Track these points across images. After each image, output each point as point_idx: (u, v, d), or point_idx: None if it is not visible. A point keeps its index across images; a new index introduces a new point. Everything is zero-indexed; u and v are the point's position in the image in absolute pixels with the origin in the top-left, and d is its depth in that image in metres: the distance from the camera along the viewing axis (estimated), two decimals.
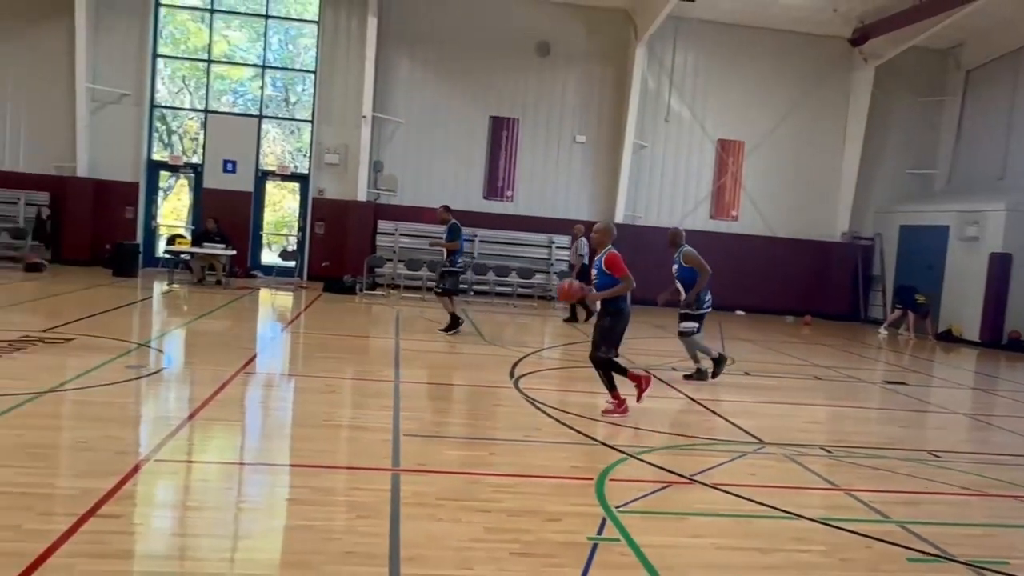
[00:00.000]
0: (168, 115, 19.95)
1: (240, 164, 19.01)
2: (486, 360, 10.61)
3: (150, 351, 9.47)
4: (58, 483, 4.77)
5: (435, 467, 5.66)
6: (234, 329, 12.35)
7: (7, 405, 6.24)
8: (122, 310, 12.71)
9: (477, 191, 19.74)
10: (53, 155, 18.21)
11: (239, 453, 6.02)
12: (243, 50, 20.01)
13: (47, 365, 8.04)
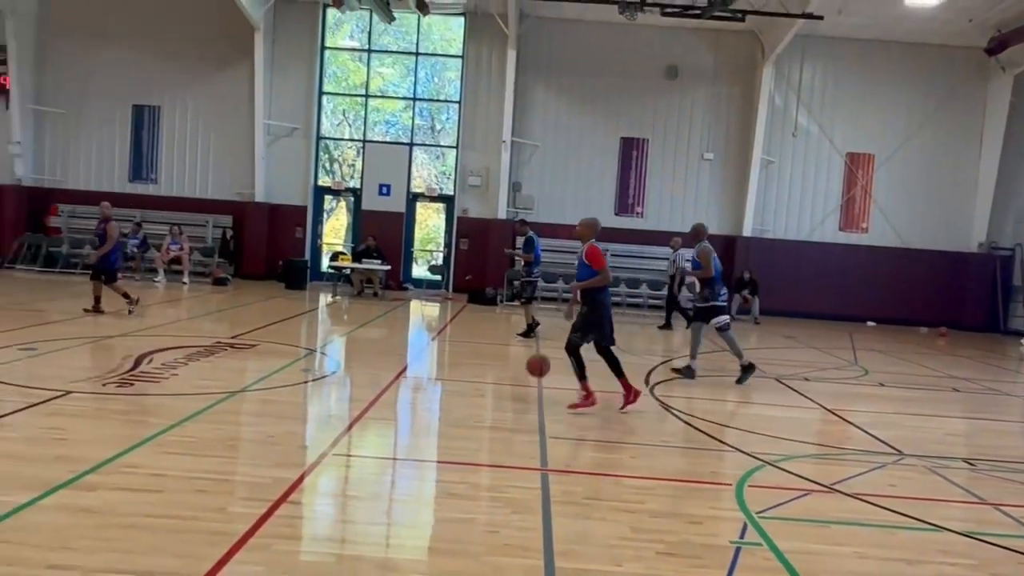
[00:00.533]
0: (331, 145, 21.04)
1: (393, 187, 19.80)
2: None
3: (320, 356, 10.02)
4: (253, 472, 5.14)
5: (581, 468, 5.71)
6: (390, 337, 12.86)
7: (207, 403, 6.77)
8: (294, 319, 13.50)
9: (608, 207, 19.70)
10: (235, 183, 19.61)
11: (402, 450, 6.28)
12: (395, 84, 20.86)
13: (237, 368, 8.67)
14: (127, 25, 19.50)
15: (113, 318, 11.48)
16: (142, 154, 19.96)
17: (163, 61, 19.57)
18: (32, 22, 19.39)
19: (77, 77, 19.68)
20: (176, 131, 19.86)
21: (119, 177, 19.93)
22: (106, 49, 19.59)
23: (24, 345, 8.91)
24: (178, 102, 19.79)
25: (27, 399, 6.45)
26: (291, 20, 19.40)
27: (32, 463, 4.94)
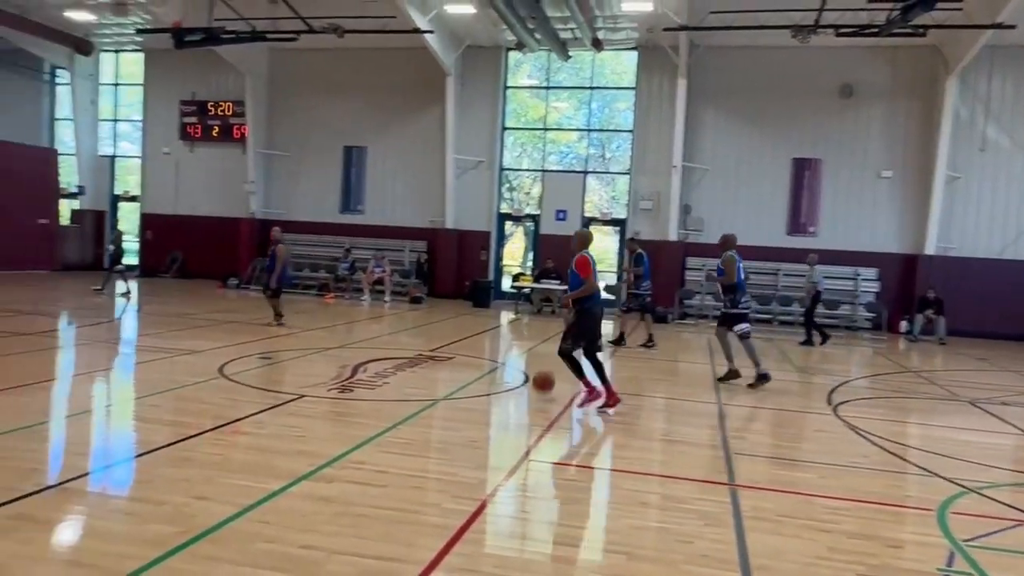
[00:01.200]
0: (511, 175, 21.65)
1: (569, 212, 20.02)
2: (798, 387, 10.03)
3: (508, 369, 10.28)
4: (461, 472, 5.35)
5: (769, 485, 5.47)
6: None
7: (416, 408, 7.16)
8: (483, 335, 13.97)
9: (780, 228, 18.81)
10: (428, 212, 20.64)
11: (592, 458, 6.31)
12: (569, 117, 21.15)
13: (437, 378, 9.09)
14: (340, 80, 21.17)
15: (327, 332, 12.41)
16: (351, 189, 21.53)
17: (369, 108, 21.06)
18: (264, 81, 21.55)
19: (299, 125, 21.62)
20: (379, 168, 21.26)
21: (331, 209, 21.59)
22: (323, 100, 21.37)
23: (262, 354, 9.85)
24: (381, 142, 21.18)
25: (270, 401, 7.12)
26: (478, 64, 20.24)
27: (279, 456, 5.44)
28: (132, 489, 4.80)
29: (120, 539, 3.92)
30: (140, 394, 7.64)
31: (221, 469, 5.08)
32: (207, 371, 8.48)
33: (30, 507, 4.24)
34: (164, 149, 22.71)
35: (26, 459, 5.14)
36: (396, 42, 18.46)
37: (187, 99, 22.40)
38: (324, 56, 20.79)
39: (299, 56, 20.91)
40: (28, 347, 9.81)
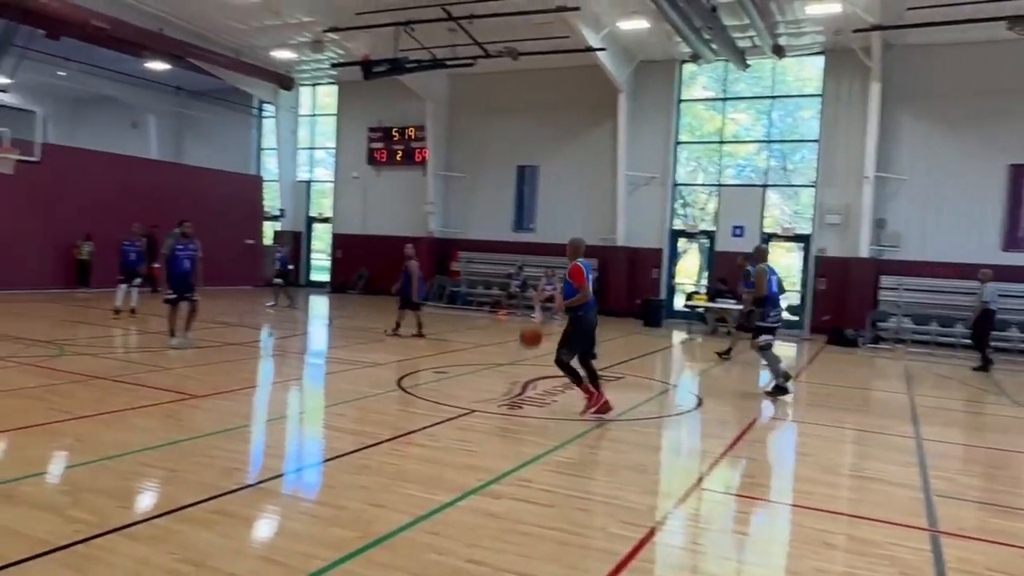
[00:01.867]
0: (684, 191, 21.15)
1: (747, 228, 19.20)
2: (1017, 423, 8.87)
3: (680, 391, 9.97)
4: (629, 497, 5.23)
5: (979, 534, 4.86)
6: (747, 375, 12.36)
7: (584, 428, 7.12)
8: (654, 355, 13.69)
9: (993, 242, 16.86)
10: (600, 229, 20.62)
11: (770, 491, 5.93)
12: (747, 129, 20.33)
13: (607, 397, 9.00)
14: (513, 100, 21.81)
15: (499, 348, 12.70)
16: (523, 207, 22.03)
17: (541, 127, 21.50)
18: (443, 106, 22.67)
19: (475, 146, 22.50)
20: (551, 186, 21.59)
21: (504, 227, 22.20)
22: (497, 121, 22.11)
23: (438, 369, 10.27)
24: (552, 161, 21.52)
25: (443, 414, 7.39)
26: (650, 79, 20.03)
27: (450, 468, 5.61)
28: (317, 493, 5.15)
29: (305, 539, 4.20)
30: (328, 403, 8.23)
31: (396, 478, 5.32)
32: (387, 383, 8.96)
33: (230, 503, 4.67)
34: (353, 173, 24.50)
35: (228, 459, 5.68)
36: (569, 61, 18.73)
37: (374, 126, 24.04)
38: (499, 78, 21.51)
39: (475, 80, 21.80)
40: (233, 356, 10.90)
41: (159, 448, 5.77)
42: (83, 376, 8.41)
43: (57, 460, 5.57)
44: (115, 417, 6.69)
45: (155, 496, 4.83)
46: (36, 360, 9.26)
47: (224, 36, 21.25)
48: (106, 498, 4.64)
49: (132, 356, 10.66)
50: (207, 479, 5.09)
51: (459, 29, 16.70)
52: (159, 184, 21.31)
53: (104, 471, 5.18)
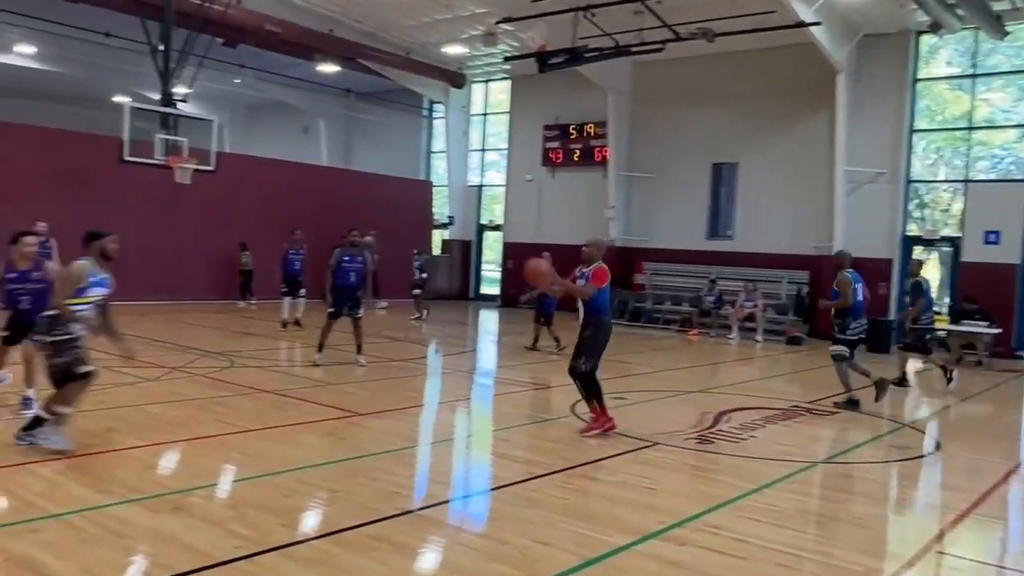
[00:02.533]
0: (920, 189, 19.64)
1: (1004, 234, 17.46)
2: None
3: (912, 431, 9.24)
4: (839, 555, 4.90)
5: None
6: (999, 417, 11.23)
7: (788, 470, 6.79)
8: None
9: None
10: (812, 236, 19.63)
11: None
12: (1005, 111, 18.55)
13: (817, 435, 8.54)
14: (707, 89, 21.38)
15: (688, 373, 12.44)
16: (719, 211, 21.48)
17: (740, 118, 20.89)
18: (627, 98, 22.68)
19: (663, 143, 22.28)
20: (752, 186, 20.89)
21: (697, 234, 21.76)
22: (688, 114, 21.77)
23: (616, 394, 10.23)
24: (754, 157, 20.83)
25: (621, 446, 7.35)
26: (877, 56, 18.84)
27: (627, 507, 5.56)
28: (480, 524, 5.31)
29: (465, 574, 4.34)
30: (495, 427, 8.46)
31: (566, 515, 5.36)
32: (559, 408, 9.08)
33: (389, 529, 4.93)
34: (527, 176, 25.09)
35: (390, 481, 6.00)
36: (774, 40, 18.06)
37: (550, 123, 24.50)
38: (691, 64, 21.18)
39: (664, 67, 21.61)
40: (397, 373, 11.50)
41: (321, 466, 6.21)
42: (250, 389, 9.24)
43: (224, 473, 6.16)
44: (280, 432, 7.29)
45: (316, 516, 5.20)
46: (207, 371, 10.31)
47: (394, 34, 22.63)
48: (268, 515, 5.07)
49: (296, 370, 11.54)
50: (368, 502, 5.41)
51: (646, 11, 16.64)
52: (327, 191, 23.02)
53: (267, 487, 5.65)
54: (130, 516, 4.89)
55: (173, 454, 6.55)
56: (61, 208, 16.93)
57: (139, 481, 5.79)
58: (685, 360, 14.06)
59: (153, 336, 13.14)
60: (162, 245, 19.59)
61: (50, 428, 6.15)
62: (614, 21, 17.47)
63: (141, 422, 7.33)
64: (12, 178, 17.07)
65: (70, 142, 18.59)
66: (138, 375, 9.41)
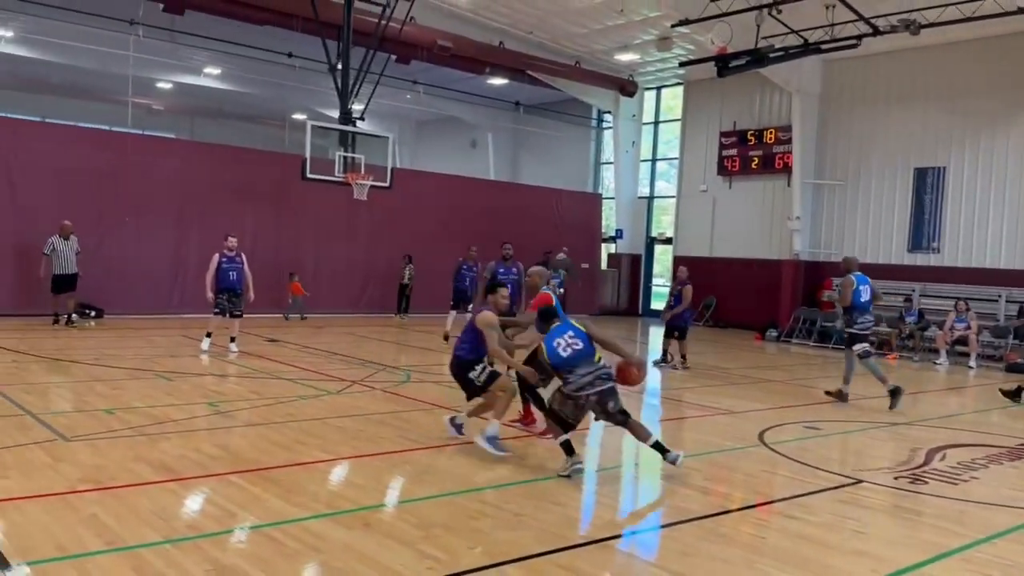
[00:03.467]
0: None
1: None
2: None
3: None
4: None
5: None
6: None
7: (1018, 520, 6.23)
8: None
9: None
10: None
11: None
12: None
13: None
14: (909, 87, 20.21)
15: (888, 401, 11.71)
16: (923, 221, 20.17)
17: (949, 118, 19.58)
18: (815, 100, 21.80)
19: (856, 147, 21.24)
20: (962, 193, 19.49)
21: (897, 247, 20.54)
22: (887, 114, 20.64)
23: (808, 423, 9.80)
24: (964, 160, 19.44)
25: (820, 482, 7.01)
26: None
27: (833, 552, 5.28)
28: (670, 559, 5.18)
29: None
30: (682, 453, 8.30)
31: (762, 555, 5.17)
32: (746, 436, 8.79)
33: (578, 559, 4.92)
34: (701, 186, 24.62)
35: (573, 507, 6.02)
36: (990, 29, 16.86)
37: (727, 130, 23.94)
38: (889, 60, 20.11)
39: (858, 65, 20.64)
40: None
41: (503, 487, 6.32)
42: (429, 404, 9.57)
43: (407, 490, 6.39)
44: (460, 449, 7.49)
45: (503, 541, 5.27)
46: (386, 385, 10.77)
47: (564, 43, 22.91)
48: (455, 536, 5.20)
49: None
50: (553, 528, 5.44)
51: (839, 4, 15.96)
52: (495, 205, 23.55)
53: (452, 506, 5.82)
54: (324, 531, 5.16)
55: (360, 469, 6.86)
56: (246, 223, 18.31)
57: (330, 496, 6.13)
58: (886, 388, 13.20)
59: (331, 350, 13.90)
60: (336, 260, 20.72)
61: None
62: (802, 17, 16.89)
63: (328, 435, 7.75)
64: (201, 193, 18.62)
65: (255, 159, 20.07)
66: (321, 388, 9.96)
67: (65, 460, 6.47)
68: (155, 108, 27.83)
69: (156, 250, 18.07)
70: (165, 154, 19.27)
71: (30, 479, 5.95)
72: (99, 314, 16.72)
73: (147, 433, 7.45)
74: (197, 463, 6.56)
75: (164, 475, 6.19)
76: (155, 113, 28.14)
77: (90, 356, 12.18)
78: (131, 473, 6.20)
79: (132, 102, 20.69)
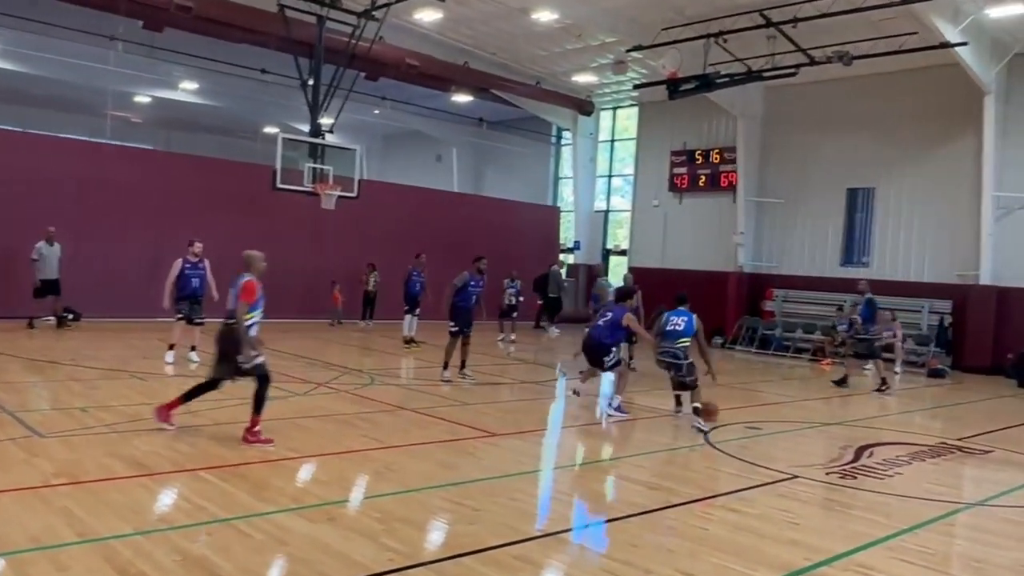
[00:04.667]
0: None
1: None
2: None
3: None
4: None
5: None
6: None
7: (941, 511, 6.40)
8: None
9: None
10: (955, 264, 18.54)
11: None
12: None
13: (970, 476, 8.03)
14: (842, 113, 20.60)
15: (823, 403, 11.92)
16: (854, 237, 20.59)
17: (878, 143, 20.02)
18: (758, 123, 22.14)
19: (794, 168, 21.59)
20: (890, 212, 19.94)
21: (830, 262, 20.92)
22: (822, 138, 21.02)
23: (749, 424, 9.93)
24: (892, 182, 19.89)
25: (759, 477, 7.11)
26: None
27: (769, 541, 5.37)
28: (620, 550, 5.22)
29: None
30: (627, 452, 8.37)
31: (706, 545, 5.23)
32: (693, 436, 8.88)
33: (532, 551, 4.94)
34: (653, 201, 24.84)
35: (528, 502, 6.04)
36: (915, 62, 17.28)
37: (677, 149, 24.21)
38: (825, 88, 20.51)
39: (796, 91, 21.00)
40: (527, 395, 11.56)
41: (462, 484, 6.31)
42: (391, 406, 9.52)
43: (370, 487, 6.35)
44: (420, 449, 7.46)
45: (460, 534, 5.27)
46: (350, 388, 10.69)
47: (526, 64, 23.01)
48: (415, 530, 5.19)
49: (432, 389, 11.73)
50: (509, 521, 5.45)
51: (779, 35, 16.27)
52: (458, 216, 23.53)
53: (412, 502, 5.80)
54: (290, 524, 5.11)
55: (324, 466, 6.81)
56: (218, 231, 18.02)
57: (295, 491, 6.07)
58: (818, 391, 13.47)
59: (297, 352, 13.76)
60: (304, 266, 20.49)
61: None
62: (746, 46, 17.17)
63: (294, 435, 7.67)
64: (176, 202, 18.33)
65: (228, 170, 19.81)
66: (288, 390, 9.87)
67: (40, 456, 6.33)
68: (133, 120, 27.34)
69: (132, 255, 17.74)
70: (142, 164, 18.94)
71: (6, 473, 5.81)
72: (77, 317, 16.36)
73: (120, 431, 7.32)
74: (168, 459, 6.45)
75: (136, 471, 6.08)
76: (133, 125, 27.64)
77: (67, 357, 11.91)
78: (104, 468, 6.09)
79: (111, 114, 20.33)
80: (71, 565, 4.24)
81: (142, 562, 4.30)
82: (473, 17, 19.74)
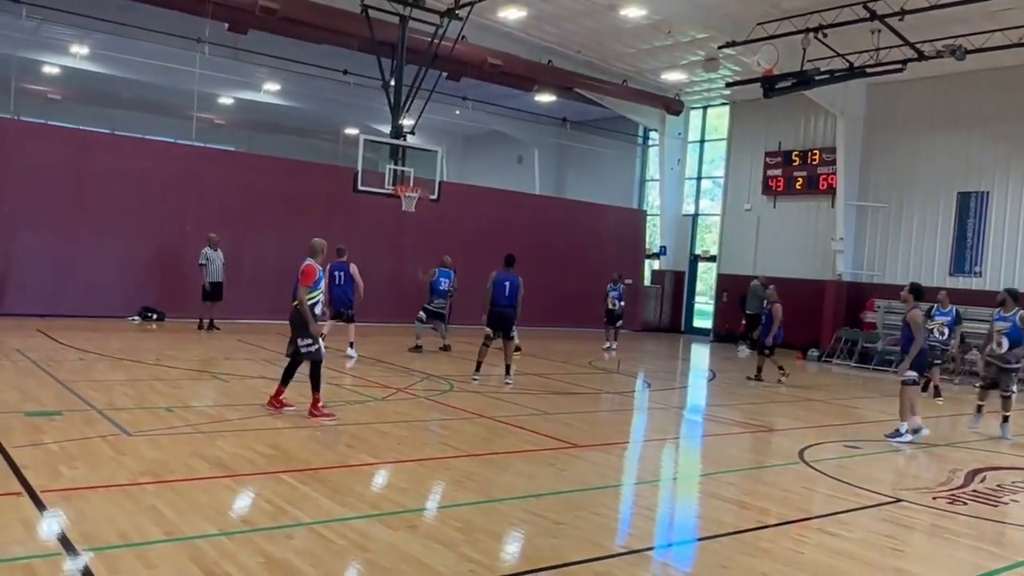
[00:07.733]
0: None
1: None
2: None
3: None
4: None
5: None
6: None
7: None
8: None
9: None
10: None
11: None
12: None
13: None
14: (953, 112, 19.80)
15: (931, 422, 11.50)
16: (965, 245, 19.77)
17: (993, 143, 19.17)
18: (860, 123, 21.49)
19: (900, 170, 20.86)
20: (1007, 217, 19.07)
21: (939, 270, 20.14)
22: (931, 139, 20.26)
23: (849, 442, 9.66)
24: (1010, 185, 19.02)
25: (859, 500, 6.91)
26: None
27: (871, 569, 5.22)
28: (710, 571, 5.17)
29: None
30: (716, 469, 8.25)
31: (802, 570, 5.12)
32: (786, 453, 8.70)
33: (616, 567, 4.93)
34: (745, 205, 24.39)
35: (612, 517, 6.03)
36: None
37: (772, 150, 23.71)
38: (934, 85, 19.78)
39: (903, 89, 20.32)
40: (612, 406, 11.52)
41: (544, 496, 6.34)
42: (471, 414, 9.63)
43: (450, 495, 6.45)
44: (500, 458, 7.54)
45: (541, 547, 5.29)
46: (430, 394, 10.86)
47: (612, 62, 22.93)
48: (495, 541, 5.25)
49: (514, 397, 11.81)
50: (592, 536, 5.46)
51: (884, 29, 15.78)
52: (539, 219, 23.61)
53: (494, 512, 5.86)
54: (370, 530, 5.24)
55: (404, 473, 6.94)
56: (300, 233, 18.53)
57: (374, 496, 6.22)
58: (930, 409, 12.96)
59: (376, 357, 14.04)
60: (383, 270, 20.89)
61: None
62: (848, 41, 16.74)
63: (374, 440, 7.84)
64: (258, 204, 18.97)
65: (309, 172, 20.39)
66: (367, 394, 10.09)
67: (128, 454, 6.65)
68: (217, 122, 28.46)
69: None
70: (229, 165, 19.70)
71: (95, 470, 6.13)
72: (161, 317, 17.11)
73: (204, 431, 7.63)
74: (250, 461, 6.69)
75: (220, 471, 6.33)
76: (217, 127, 28.77)
77: (151, 356, 12.46)
78: (189, 468, 6.36)
79: (196, 116, 21.18)
80: (158, 563, 4.44)
81: (227, 563, 4.48)
82: (558, 15, 19.79)
